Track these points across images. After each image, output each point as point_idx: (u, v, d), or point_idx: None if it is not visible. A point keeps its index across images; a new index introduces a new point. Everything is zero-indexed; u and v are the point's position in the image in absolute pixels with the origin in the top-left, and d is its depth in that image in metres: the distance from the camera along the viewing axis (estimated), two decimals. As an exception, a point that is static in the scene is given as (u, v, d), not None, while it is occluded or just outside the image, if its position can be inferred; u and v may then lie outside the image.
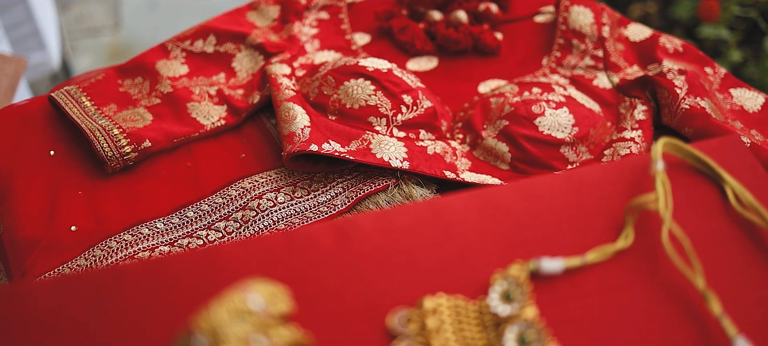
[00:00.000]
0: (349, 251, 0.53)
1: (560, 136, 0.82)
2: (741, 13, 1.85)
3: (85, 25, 2.09)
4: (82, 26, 2.09)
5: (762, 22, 1.82)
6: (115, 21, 2.12)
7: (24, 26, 1.70)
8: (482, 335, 0.49)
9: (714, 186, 0.59)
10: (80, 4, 2.15)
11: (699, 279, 0.51)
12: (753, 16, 1.82)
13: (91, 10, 2.14)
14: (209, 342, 0.39)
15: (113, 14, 2.14)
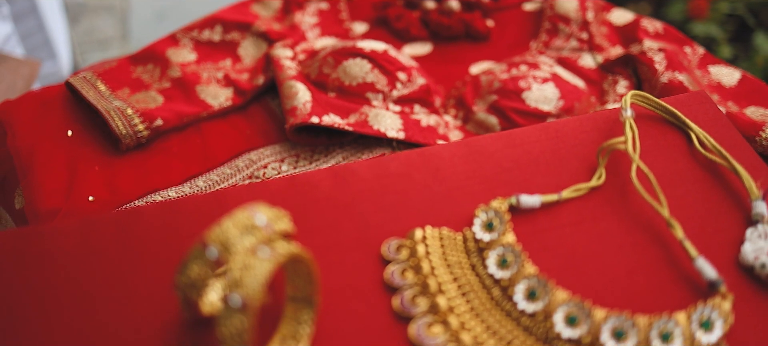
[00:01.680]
0: (345, 192, 0.58)
1: (547, 109, 0.87)
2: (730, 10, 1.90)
3: (95, 37, 2.16)
4: (92, 38, 2.15)
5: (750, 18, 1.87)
6: (124, 33, 2.19)
7: (36, 36, 1.77)
8: (466, 260, 0.54)
9: (680, 133, 0.64)
10: (90, 17, 2.22)
11: (664, 209, 0.56)
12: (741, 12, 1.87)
13: (101, 24, 2.21)
14: (219, 252, 0.45)
15: (121, 27, 2.20)
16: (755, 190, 0.58)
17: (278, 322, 0.49)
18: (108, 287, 0.51)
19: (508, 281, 0.52)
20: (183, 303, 0.47)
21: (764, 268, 0.53)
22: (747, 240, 0.56)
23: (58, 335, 0.48)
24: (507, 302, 0.51)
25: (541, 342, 0.50)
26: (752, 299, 0.53)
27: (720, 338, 0.50)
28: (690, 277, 0.54)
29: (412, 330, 0.49)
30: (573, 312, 0.50)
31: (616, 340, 0.49)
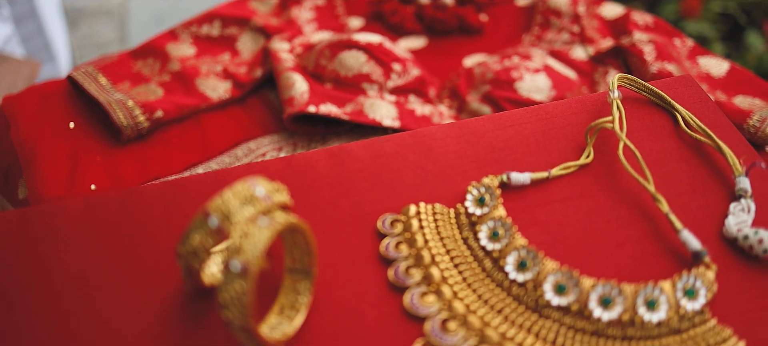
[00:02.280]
0: (341, 171, 0.60)
1: (539, 99, 0.89)
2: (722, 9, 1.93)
3: (93, 41, 2.18)
4: (91, 42, 2.17)
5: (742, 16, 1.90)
6: (122, 37, 2.21)
7: (35, 39, 1.79)
8: (458, 233, 0.56)
9: (666, 114, 0.66)
10: (88, 22, 2.24)
11: (650, 185, 0.58)
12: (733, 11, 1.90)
13: (99, 28, 2.23)
14: (220, 221, 0.46)
15: (120, 30, 2.22)
16: (739, 166, 0.60)
17: (277, 294, 0.51)
18: (112, 261, 0.53)
19: (499, 252, 0.54)
20: (185, 273, 0.49)
21: (747, 239, 0.55)
22: (730, 214, 0.58)
23: (65, 307, 0.50)
24: (498, 273, 0.53)
25: (530, 310, 0.51)
26: (735, 270, 0.54)
27: (703, 305, 0.51)
28: (675, 249, 0.55)
29: (407, 299, 0.51)
30: (562, 281, 0.51)
31: (603, 307, 0.50)
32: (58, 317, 0.50)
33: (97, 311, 0.50)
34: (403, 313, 0.51)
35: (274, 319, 0.50)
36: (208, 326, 0.49)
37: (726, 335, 0.50)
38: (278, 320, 0.50)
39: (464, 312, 0.51)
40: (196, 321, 0.49)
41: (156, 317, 0.50)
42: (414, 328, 0.50)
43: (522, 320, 0.51)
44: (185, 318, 0.49)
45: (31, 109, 0.90)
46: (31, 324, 0.49)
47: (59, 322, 0.49)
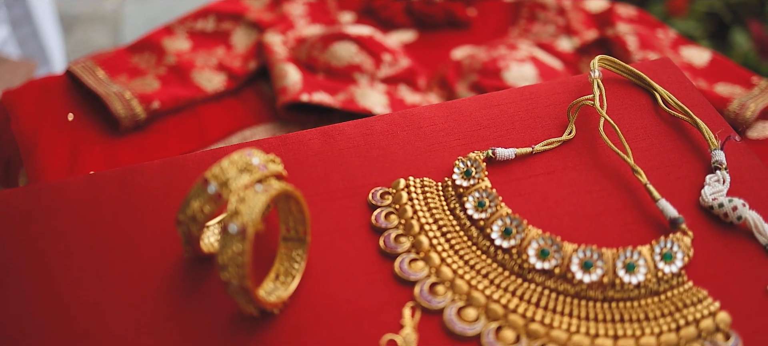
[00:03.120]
0: (333, 148, 0.63)
1: (525, 87, 0.91)
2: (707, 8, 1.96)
3: (88, 46, 2.20)
4: (85, 48, 2.19)
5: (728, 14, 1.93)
6: (116, 42, 2.23)
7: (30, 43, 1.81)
8: (446, 204, 0.58)
9: (645, 93, 0.69)
10: (83, 28, 2.26)
11: (629, 158, 0.60)
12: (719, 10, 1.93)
13: (93, 35, 2.25)
14: (218, 188, 0.49)
15: (114, 37, 2.25)
16: (714, 140, 0.63)
17: (272, 262, 0.53)
18: (113, 233, 0.55)
19: (485, 221, 0.56)
20: (184, 240, 0.51)
21: (722, 207, 0.58)
22: (706, 184, 0.60)
23: (68, 276, 0.52)
24: (484, 240, 0.55)
25: (515, 275, 0.54)
26: (711, 237, 0.57)
27: (680, 268, 0.54)
28: (654, 218, 0.58)
29: (397, 265, 0.54)
30: (544, 246, 0.54)
31: (584, 270, 0.53)
32: (62, 285, 0.52)
33: (100, 279, 0.52)
34: (393, 278, 0.53)
35: (270, 285, 0.52)
36: (207, 291, 0.51)
37: (702, 296, 0.53)
38: (274, 285, 0.52)
39: (452, 277, 0.53)
40: (195, 286, 0.52)
41: (157, 283, 0.52)
42: (404, 292, 0.52)
43: (507, 283, 0.53)
44: (185, 284, 0.52)
45: (31, 102, 0.92)
46: (37, 293, 0.51)
47: (64, 290, 0.51)
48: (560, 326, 0.51)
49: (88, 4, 2.36)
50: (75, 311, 0.50)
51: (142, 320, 0.50)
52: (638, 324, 0.52)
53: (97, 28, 2.25)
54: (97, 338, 0.48)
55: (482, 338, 0.50)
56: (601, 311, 0.52)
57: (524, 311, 0.52)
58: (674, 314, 0.52)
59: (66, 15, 2.28)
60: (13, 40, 1.68)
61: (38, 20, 1.77)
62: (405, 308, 0.51)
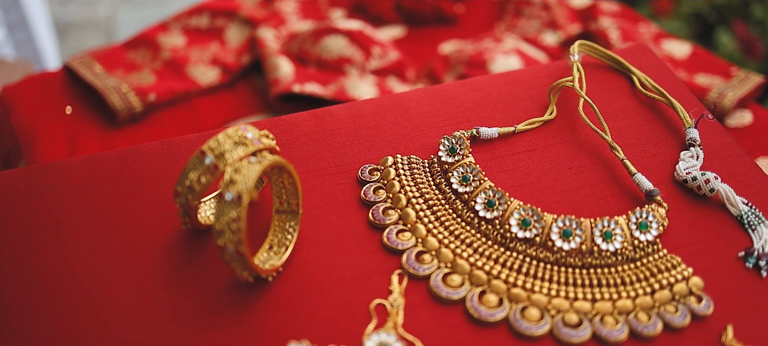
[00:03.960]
0: (324, 129, 0.65)
1: (510, 79, 0.94)
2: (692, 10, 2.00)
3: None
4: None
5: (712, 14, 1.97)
6: (111, 48, 2.25)
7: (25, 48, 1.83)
8: (432, 180, 0.61)
9: (623, 77, 0.72)
10: (77, 34, 2.29)
11: (607, 135, 0.63)
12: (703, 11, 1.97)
13: (87, 41, 2.27)
14: (214, 160, 0.51)
15: (108, 42, 2.27)
16: (689, 119, 0.66)
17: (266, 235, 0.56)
18: (113, 209, 0.57)
19: (469, 194, 0.59)
20: (182, 211, 0.53)
21: (695, 180, 0.61)
22: (681, 160, 0.63)
23: (70, 249, 0.54)
24: (468, 213, 0.58)
25: (498, 244, 0.56)
26: (685, 209, 0.60)
27: (655, 237, 0.57)
28: (631, 191, 0.61)
29: (385, 236, 0.56)
30: (526, 216, 0.56)
31: (563, 239, 0.56)
32: (65, 257, 0.54)
33: (101, 251, 0.54)
34: (381, 248, 0.56)
35: (264, 255, 0.55)
36: (204, 261, 0.54)
37: (676, 262, 0.56)
38: (268, 255, 0.55)
39: (437, 246, 0.56)
40: (193, 256, 0.54)
41: (156, 254, 0.54)
42: (392, 261, 0.55)
43: (490, 252, 0.56)
44: (183, 254, 0.54)
45: (29, 96, 0.94)
46: (40, 264, 0.53)
47: (66, 262, 0.54)
48: (541, 291, 0.54)
49: (81, 10, 2.38)
50: (77, 281, 0.52)
51: (142, 287, 0.52)
52: (615, 288, 0.54)
53: (90, 34, 2.27)
54: (99, 306, 0.51)
55: (466, 302, 0.52)
56: (579, 276, 0.55)
57: (506, 277, 0.54)
58: (649, 279, 0.55)
59: (60, 21, 2.30)
60: (9, 44, 1.70)
61: (33, 25, 1.79)
62: (393, 276, 0.54)
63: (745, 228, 0.59)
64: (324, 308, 0.52)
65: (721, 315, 0.53)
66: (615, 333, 0.51)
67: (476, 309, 0.52)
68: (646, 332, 0.51)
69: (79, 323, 0.49)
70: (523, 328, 0.51)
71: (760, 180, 0.62)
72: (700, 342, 0.51)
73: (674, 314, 0.52)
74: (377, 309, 0.52)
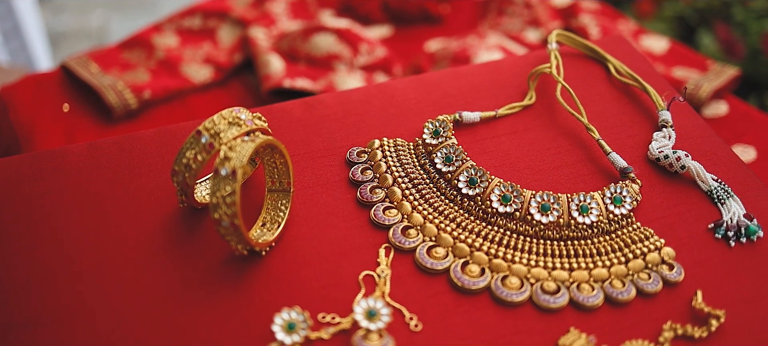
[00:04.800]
0: (314, 115, 0.68)
1: (494, 73, 0.98)
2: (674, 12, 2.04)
3: (76, 61, 2.24)
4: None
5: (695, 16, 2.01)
6: (104, 56, 2.27)
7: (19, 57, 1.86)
8: (417, 161, 0.64)
9: (599, 65, 0.75)
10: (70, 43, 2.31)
11: (584, 118, 0.66)
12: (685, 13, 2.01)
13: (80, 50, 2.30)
14: (210, 138, 0.54)
15: (101, 50, 2.29)
16: (661, 102, 0.69)
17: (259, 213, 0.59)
18: (113, 190, 0.60)
19: (452, 173, 0.62)
20: (179, 190, 0.56)
21: (667, 158, 0.64)
22: (654, 140, 0.67)
23: (73, 227, 0.57)
24: (451, 190, 0.61)
25: (479, 219, 0.59)
26: (658, 185, 0.63)
27: (629, 211, 0.60)
28: (606, 169, 0.64)
29: (372, 213, 0.59)
30: (506, 192, 0.60)
31: (542, 213, 0.59)
32: (67, 233, 0.57)
33: (102, 228, 0.57)
34: (369, 224, 0.59)
35: (257, 231, 0.58)
36: (201, 237, 0.57)
37: (649, 234, 0.59)
38: (261, 232, 0.58)
39: (422, 221, 0.59)
40: (189, 232, 0.57)
41: (154, 230, 0.57)
42: (379, 235, 0.58)
43: (472, 226, 0.59)
44: (180, 231, 0.57)
45: (28, 94, 0.97)
46: (45, 242, 0.56)
47: (69, 238, 0.56)
48: (521, 261, 0.57)
49: (74, 20, 2.41)
50: (80, 255, 0.55)
51: (142, 261, 0.55)
52: (591, 259, 0.57)
53: (83, 43, 2.30)
54: (101, 279, 0.53)
55: (450, 272, 0.55)
56: (557, 248, 0.58)
57: (488, 249, 0.57)
58: (623, 249, 0.58)
59: (53, 31, 2.33)
60: (4, 52, 1.73)
61: (27, 34, 1.82)
62: (380, 249, 0.57)
63: (715, 202, 0.62)
64: (315, 279, 0.54)
65: (692, 282, 0.56)
66: (591, 299, 0.54)
67: (459, 278, 0.55)
68: (620, 297, 0.54)
69: (82, 295, 0.52)
70: (504, 295, 0.54)
71: (729, 158, 0.66)
72: (672, 307, 0.54)
73: (647, 281, 0.55)
74: (365, 280, 0.55)
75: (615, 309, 0.54)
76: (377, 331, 0.50)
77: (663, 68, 1.03)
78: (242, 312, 0.52)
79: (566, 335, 0.52)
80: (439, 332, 0.51)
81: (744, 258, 0.57)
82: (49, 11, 2.39)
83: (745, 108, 1.02)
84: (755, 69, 1.82)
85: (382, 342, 0.49)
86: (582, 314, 0.53)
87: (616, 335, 0.52)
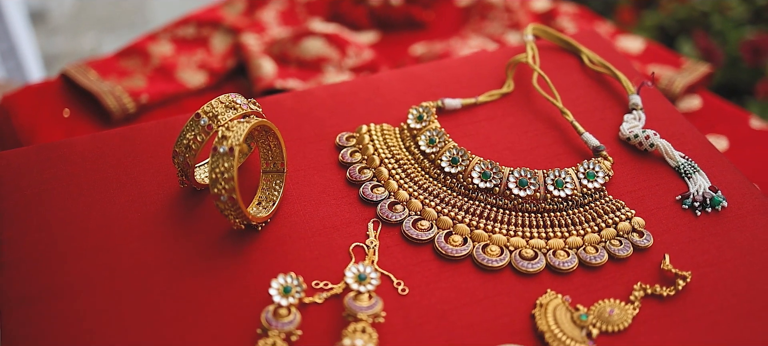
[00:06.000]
0: (304, 105, 0.72)
1: (477, 73, 1.02)
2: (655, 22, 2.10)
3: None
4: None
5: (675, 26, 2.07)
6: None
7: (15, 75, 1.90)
8: (402, 143, 0.68)
9: (573, 57, 0.80)
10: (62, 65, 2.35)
11: (558, 101, 0.71)
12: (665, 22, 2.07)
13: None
14: (209, 120, 0.58)
15: (95, 71, 2.33)
16: (631, 87, 0.74)
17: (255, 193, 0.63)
18: (116, 174, 0.64)
19: (435, 154, 0.66)
20: (180, 171, 0.60)
21: (637, 137, 0.68)
22: (625, 122, 0.71)
23: (79, 208, 0.61)
24: (435, 170, 0.65)
25: (461, 195, 0.63)
26: (629, 162, 0.67)
27: (602, 185, 0.64)
28: (580, 149, 0.68)
29: (361, 190, 0.63)
30: (486, 169, 0.64)
31: (520, 187, 0.63)
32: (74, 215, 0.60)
33: (108, 208, 0.61)
34: (358, 201, 0.63)
35: (253, 209, 0.62)
36: (200, 215, 0.60)
37: (620, 205, 0.63)
38: (257, 210, 0.62)
39: (408, 197, 0.63)
40: (190, 211, 0.61)
41: (156, 210, 0.61)
42: (367, 211, 0.62)
43: (455, 201, 0.63)
44: (181, 210, 0.61)
45: (28, 101, 1.01)
46: (55, 222, 0.60)
47: (75, 219, 0.60)
48: (501, 232, 0.61)
49: (67, 42, 2.45)
50: (87, 234, 0.59)
51: (145, 237, 0.59)
52: (566, 228, 0.61)
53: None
54: (107, 254, 0.57)
55: (434, 242, 0.59)
56: (535, 219, 0.62)
57: (470, 222, 0.61)
58: (596, 219, 0.62)
59: (47, 53, 2.37)
60: (2, 70, 1.77)
61: (22, 54, 1.86)
62: (369, 223, 0.61)
63: (682, 177, 0.66)
64: (308, 251, 0.58)
65: (660, 248, 0.60)
66: (566, 263, 0.58)
67: (443, 247, 0.59)
68: (593, 262, 0.58)
69: (91, 269, 0.56)
70: (485, 261, 0.58)
71: (695, 137, 0.70)
72: (642, 270, 0.58)
73: (618, 246, 0.60)
74: (355, 251, 0.59)
75: (589, 273, 0.58)
76: (367, 292, 0.53)
77: (639, 66, 1.08)
78: (241, 280, 0.55)
79: (543, 296, 0.56)
80: (425, 295, 0.55)
81: (709, 226, 0.62)
82: (43, 34, 2.43)
83: (717, 102, 1.06)
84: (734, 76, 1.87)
85: (372, 302, 0.53)
86: (558, 277, 0.57)
87: (590, 296, 0.56)
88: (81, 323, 0.52)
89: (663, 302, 0.55)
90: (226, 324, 0.52)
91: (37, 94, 1.03)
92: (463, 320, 0.54)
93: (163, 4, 2.59)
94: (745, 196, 0.64)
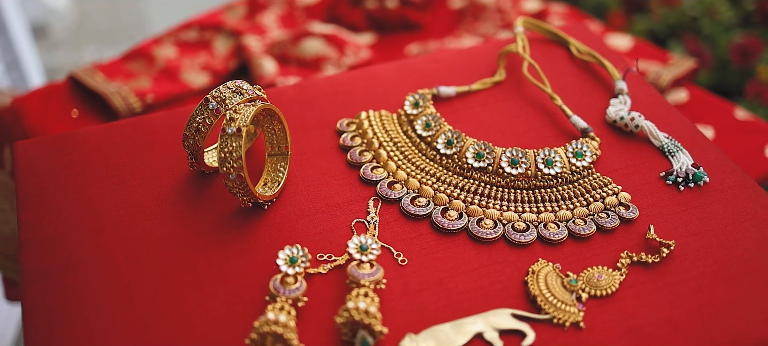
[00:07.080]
0: (306, 95, 0.76)
1: (471, 69, 1.06)
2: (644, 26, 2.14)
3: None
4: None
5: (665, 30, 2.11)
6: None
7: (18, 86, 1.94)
8: (400, 128, 0.72)
9: (562, 48, 0.84)
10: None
11: (547, 87, 0.75)
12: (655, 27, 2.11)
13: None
14: (217, 104, 0.62)
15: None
16: (617, 74, 0.78)
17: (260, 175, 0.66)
18: (129, 161, 0.67)
19: (432, 137, 0.69)
20: (189, 154, 0.64)
21: (623, 119, 0.72)
22: (611, 106, 0.75)
23: (94, 190, 0.64)
24: (431, 151, 0.69)
25: (457, 174, 0.67)
26: (615, 143, 0.71)
27: (590, 163, 0.67)
28: (569, 131, 0.72)
29: (361, 171, 0.67)
30: (479, 150, 0.67)
31: (511, 166, 0.66)
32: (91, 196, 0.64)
33: (122, 191, 0.64)
34: (359, 181, 0.66)
35: (259, 190, 0.65)
36: (209, 196, 0.64)
37: (607, 181, 0.66)
38: (263, 190, 0.65)
39: (406, 177, 0.66)
40: (199, 191, 0.64)
41: (167, 191, 0.64)
42: (368, 190, 0.65)
43: (451, 179, 0.66)
44: (191, 191, 0.64)
45: (38, 103, 1.04)
46: (72, 205, 0.63)
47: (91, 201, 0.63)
48: (494, 207, 0.64)
49: (68, 57, 2.49)
50: (103, 214, 0.62)
51: (158, 216, 0.62)
52: (556, 203, 0.65)
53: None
54: (123, 231, 0.60)
55: (431, 217, 0.63)
56: (526, 196, 0.65)
57: (465, 198, 0.65)
58: (585, 195, 0.65)
59: (48, 67, 2.41)
60: (6, 81, 1.81)
61: (25, 66, 1.90)
62: (369, 201, 0.64)
63: (666, 155, 0.70)
64: (312, 226, 0.62)
65: (646, 219, 0.63)
66: (556, 235, 0.61)
67: (440, 222, 0.62)
68: (582, 232, 0.62)
69: (106, 245, 0.59)
70: (479, 233, 0.61)
71: (678, 120, 0.74)
72: (628, 239, 0.61)
73: (606, 219, 0.63)
74: (357, 226, 0.62)
75: (578, 243, 0.61)
76: (368, 261, 0.57)
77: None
78: (250, 254, 0.59)
79: (535, 264, 0.59)
80: (424, 265, 0.59)
81: (692, 199, 0.65)
82: (45, 48, 2.47)
83: (703, 95, 1.10)
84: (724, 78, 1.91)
85: (373, 270, 0.56)
86: (549, 248, 0.61)
87: (579, 264, 0.59)
88: (98, 293, 0.55)
89: (648, 269, 0.59)
90: (237, 293, 0.56)
91: (45, 96, 1.06)
92: (459, 286, 0.57)
93: (162, 18, 2.64)
94: (726, 172, 0.67)
